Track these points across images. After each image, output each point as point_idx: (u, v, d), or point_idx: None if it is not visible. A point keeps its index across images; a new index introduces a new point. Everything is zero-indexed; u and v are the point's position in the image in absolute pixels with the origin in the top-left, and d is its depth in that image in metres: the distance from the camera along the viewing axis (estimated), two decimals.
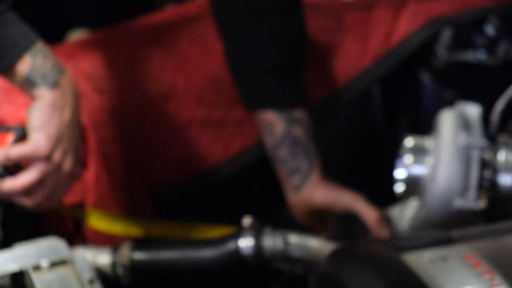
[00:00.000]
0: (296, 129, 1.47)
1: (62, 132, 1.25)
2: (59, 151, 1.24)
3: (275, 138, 1.48)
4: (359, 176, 1.76)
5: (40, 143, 1.23)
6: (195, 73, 1.55)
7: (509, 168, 1.26)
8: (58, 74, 1.26)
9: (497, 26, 1.70)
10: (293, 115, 1.47)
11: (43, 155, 1.24)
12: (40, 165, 1.24)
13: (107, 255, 1.24)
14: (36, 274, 1.08)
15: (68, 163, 1.26)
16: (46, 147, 1.23)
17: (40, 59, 1.24)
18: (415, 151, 1.28)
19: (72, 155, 1.26)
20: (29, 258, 1.10)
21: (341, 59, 1.65)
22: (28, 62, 1.23)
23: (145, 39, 1.57)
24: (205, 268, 1.22)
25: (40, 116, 1.24)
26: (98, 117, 1.46)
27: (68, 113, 1.26)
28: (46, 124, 1.24)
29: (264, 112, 1.47)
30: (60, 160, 1.25)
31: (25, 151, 1.24)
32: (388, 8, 1.71)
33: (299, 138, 1.48)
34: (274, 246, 1.20)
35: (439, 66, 1.69)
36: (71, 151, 1.26)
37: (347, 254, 1.02)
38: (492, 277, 0.93)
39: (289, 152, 1.48)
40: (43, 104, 1.24)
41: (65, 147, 1.25)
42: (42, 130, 1.24)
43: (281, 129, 1.47)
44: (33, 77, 1.23)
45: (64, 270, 1.09)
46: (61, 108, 1.25)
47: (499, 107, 1.31)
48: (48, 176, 1.25)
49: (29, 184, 1.25)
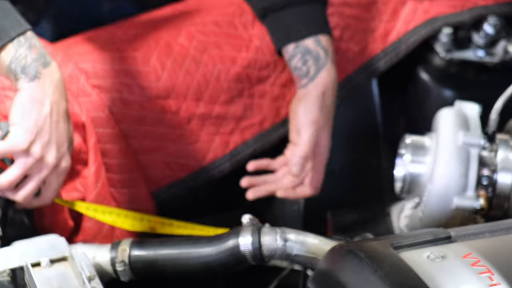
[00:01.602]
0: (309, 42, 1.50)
1: (41, 126, 1.23)
2: (38, 145, 1.23)
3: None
4: (359, 175, 1.77)
5: (18, 137, 1.23)
6: (194, 69, 1.55)
7: (507, 166, 1.26)
8: (40, 66, 1.25)
9: (496, 25, 1.70)
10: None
11: (20, 150, 1.23)
12: (20, 160, 1.24)
13: (106, 252, 1.24)
14: (35, 271, 1.08)
15: (51, 157, 1.25)
16: (24, 142, 1.22)
17: (24, 50, 1.24)
18: (414, 150, 1.29)
19: (54, 148, 1.25)
20: (29, 255, 1.10)
21: (339, 55, 1.65)
22: (11, 52, 1.23)
23: (145, 36, 1.57)
24: (204, 265, 1.22)
25: (19, 110, 1.24)
26: (97, 114, 1.46)
27: (48, 105, 1.24)
28: (24, 118, 1.23)
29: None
30: (41, 153, 1.24)
31: (5, 147, 1.23)
32: (387, 6, 1.71)
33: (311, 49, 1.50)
34: (273, 244, 1.20)
35: (438, 64, 1.69)
36: (53, 144, 1.25)
37: (345, 252, 1.03)
38: (490, 276, 0.93)
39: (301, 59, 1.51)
40: (22, 97, 1.24)
41: (46, 140, 1.24)
42: (20, 124, 1.23)
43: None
44: (14, 68, 1.23)
45: (64, 267, 1.10)
46: (40, 101, 1.24)
47: (498, 106, 1.31)
48: (31, 170, 1.25)
49: (12, 179, 1.24)
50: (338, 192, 1.75)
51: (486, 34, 1.70)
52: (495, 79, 1.68)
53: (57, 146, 1.26)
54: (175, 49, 1.56)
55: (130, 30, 1.58)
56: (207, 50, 1.58)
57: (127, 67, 1.52)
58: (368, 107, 1.75)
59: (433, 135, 1.30)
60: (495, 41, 1.70)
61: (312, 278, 1.06)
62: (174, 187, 1.58)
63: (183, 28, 1.59)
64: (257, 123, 1.62)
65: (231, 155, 1.61)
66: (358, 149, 1.75)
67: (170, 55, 1.54)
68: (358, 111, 1.75)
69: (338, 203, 1.60)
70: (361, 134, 1.76)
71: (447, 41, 1.69)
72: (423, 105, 1.66)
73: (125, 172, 1.49)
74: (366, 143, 1.77)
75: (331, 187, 1.74)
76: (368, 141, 1.77)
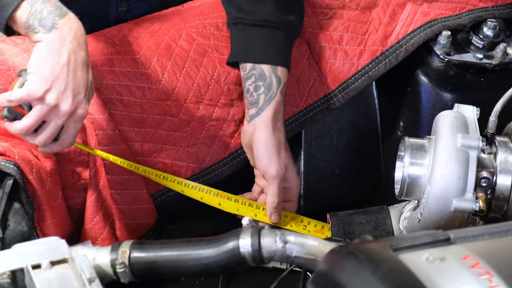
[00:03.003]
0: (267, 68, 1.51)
1: (57, 74, 1.27)
2: (54, 93, 1.26)
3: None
4: (358, 177, 1.77)
5: (34, 85, 1.26)
6: (194, 71, 1.56)
7: (506, 168, 1.26)
8: (56, 18, 1.28)
9: (495, 28, 1.71)
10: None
11: (36, 97, 1.26)
12: (36, 107, 1.27)
13: (107, 254, 1.24)
14: (36, 273, 1.08)
15: (66, 104, 1.27)
16: (39, 90, 1.25)
17: (39, 5, 1.28)
18: (413, 152, 1.29)
19: (71, 96, 1.28)
20: (29, 257, 1.10)
21: (339, 58, 1.66)
22: (26, 9, 1.28)
23: (145, 38, 1.57)
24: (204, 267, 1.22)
25: (36, 59, 1.27)
26: (97, 116, 1.46)
27: (65, 55, 1.28)
28: (40, 67, 1.26)
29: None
30: (56, 101, 1.26)
31: (21, 94, 1.26)
32: (387, 8, 1.71)
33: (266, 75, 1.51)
34: (273, 246, 1.21)
35: (437, 67, 1.69)
36: (69, 92, 1.27)
37: (345, 253, 1.03)
38: (490, 278, 0.93)
39: (253, 84, 1.52)
40: (40, 48, 1.28)
41: (62, 89, 1.27)
42: (36, 73, 1.26)
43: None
44: (32, 22, 1.28)
45: (64, 268, 1.10)
46: (57, 50, 1.27)
47: (497, 108, 1.31)
48: (48, 117, 1.28)
49: (29, 125, 1.27)
50: (338, 194, 1.75)
51: (485, 37, 1.71)
52: (494, 81, 1.69)
53: (73, 94, 1.28)
54: (176, 51, 1.56)
55: (131, 32, 1.58)
56: (208, 52, 1.58)
57: (128, 69, 1.52)
58: (368, 109, 1.76)
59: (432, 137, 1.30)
60: (494, 44, 1.70)
61: (311, 280, 1.06)
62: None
63: (184, 30, 1.59)
64: None
65: (231, 158, 1.61)
66: (357, 151, 1.76)
67: (170, 57, 1.55)
68: (357, 113, 1.75)
69: (337, 205, 1.60)
70: (361, 136, 1.76)
71: (446, 43, 1.69)
72: (422, 108, 1.66)
73: (126, 174, 1.50)
74: (366, 145, 1.77)
75: (330, 189, 1.74)
76: (367, 143, 1.77)
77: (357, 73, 1.66)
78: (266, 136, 1.49)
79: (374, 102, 1.76)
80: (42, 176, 1.32)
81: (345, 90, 1.66)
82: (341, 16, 1.70)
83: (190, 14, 1.64)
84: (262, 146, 1.49)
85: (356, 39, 1.68)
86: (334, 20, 1.69)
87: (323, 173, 1.73)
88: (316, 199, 1.73)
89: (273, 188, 1.49)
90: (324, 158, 1.73)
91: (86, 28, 1.34)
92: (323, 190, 1.74)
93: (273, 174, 1.48)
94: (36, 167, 1.32)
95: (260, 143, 1.49)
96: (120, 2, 1.66)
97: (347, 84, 1.66)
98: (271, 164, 1.48)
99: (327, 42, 1.66)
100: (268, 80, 1.50)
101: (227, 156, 1.61)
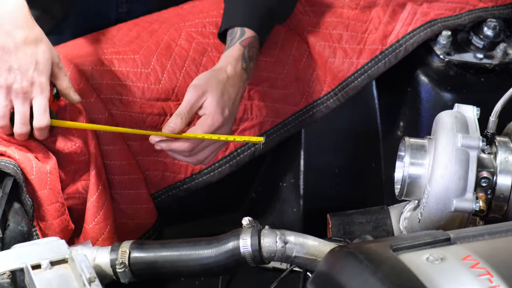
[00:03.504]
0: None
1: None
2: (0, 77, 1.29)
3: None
4: (358, 177, 1.77)
5: None
6: (194, 71, 1.55)
7: (507, 168, 1.26)
8: None
9: (495, 28, 1.71)
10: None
11: None
12: None
13: (106, 254, 1.24)
14: (36, 273, 1.08)
15: (17, 83, 1.28)
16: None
17: None
18: (413, 152, 1.29)
19: (19, 75, 1.28)
20: (29, 257, 1.10)
21: (338, 57, 1.66)
22: None
23: (145, 38, 1.57)
24: (204, 267, 1.22)
25: None
26: (97, 116, 1.46)
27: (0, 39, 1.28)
28: None
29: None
30: (5, 83, 1.28)
31: None
32: (387, 8, 1.71)
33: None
34: (273, 246, 1.21)
35: (437, 67, 1.69)
36: (16, 71, 1.28)
37: (345, 253, 1.03)
38: (490, 278, 0.93)
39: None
40: None
41: (6, 71, 1.28)
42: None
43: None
44: None
45: (64, 269, 1.10)
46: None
47: (497, 108, 1.31)
48: (6, 100, 1.29)
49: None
50: (338, 194, 1.75)
51: (485, 37, 1.71)
52: (494, 81, 1.69)
53: (21, 72, 1.29)
54: (175, 51, 1.56)
55: (130, 32, 1.58)
56: (207, 51, 1.58)
57: (127, 69, 1.52)
58: (368, 109, 1.76)
59: (432, 137, 1.30)
60: (494, 44, 1.70)
61: (311, 280, 1.06)
62: (174, 188, 1.58)
63: (183, 29, 1.59)
64: (257, 125, 1.62)
65: (230, 157, 1.61)
66: (357, 151, 1.76)
67: (170, 57, 1.55)
68: (357, 113, 1.75)
69: (337, 205, 1.60)
70: (361, 136, 1.76)
71: (446, 43, 1.69)
72: (422, 108, 1.66)
73: (126, 173, 1.50)
74: (366, 145, 1.77)
75: (330, 189, 1.74)
76: (367, 143, 1.77)
77: (357, 72, 1.66)
78: (215, 67, 1.45)
79: (374, 102, 1.76)
80: (42, 176, 1.32)
81: (344, 89, 1.66)
82: (340, 15, 1.70)
83: (190, 13, 1.64)
84: (206, 72, 1.44)
85: (355, 38, 1.68)
86: (333, 19, 1.69)
87: (323, 173, 1.73)
88: (316, 199, 1.73)
89: (186, 96, 1.40)
90: (324, 158, 1.73)
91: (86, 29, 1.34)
92: (323, 190, 1.74)
93: (193, 84, 1.40)
94: (36, 167, 1.32)
95: (206, 71, 1.46)
96: (119, 4, 1.66)
97: (346, 83, 1.66)
98: (199, 78, 1.42)
99: (326, 41, 1.66)
100: (233, 34, 1.50)
101: (227, 155, 1.61)
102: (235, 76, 1.42)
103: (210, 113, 1.37)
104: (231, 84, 1.41)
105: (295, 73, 1.64)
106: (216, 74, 1.41)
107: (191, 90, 1.38)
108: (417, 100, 1.67)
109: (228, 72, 1.42)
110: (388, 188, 1.50)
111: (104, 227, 1.43)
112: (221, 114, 1.37)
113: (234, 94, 1.41)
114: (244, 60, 1.45)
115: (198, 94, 1.37)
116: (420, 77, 1.67)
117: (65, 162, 1.41)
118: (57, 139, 1.38)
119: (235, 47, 1.46)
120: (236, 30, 1.48)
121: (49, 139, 1.37)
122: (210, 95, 1.37)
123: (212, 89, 1.38)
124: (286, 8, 1.61)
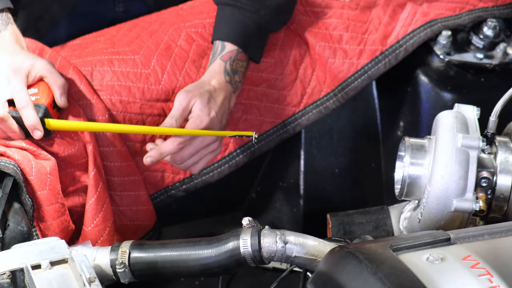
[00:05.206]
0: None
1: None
2: None
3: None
4: (358, 177, 1.77)
5: None
6: (194, 71, 1.55)
7: (507, 168, 1.26)
8: None
9: (495, 28, 1.71)
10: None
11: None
12: None
13: (106, 254, 1.24)
14: (35, 273, 1.08)
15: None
16: None
17: None
18: (413, 152, 1.29)
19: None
20: (29, 257, 1.10)
21: (338, 57, 1.66)
22: None
23: (144, 38, 1.57)
24: (204, 267, 1.22)
25: None
26: (97, 117, 1.46)
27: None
28: None
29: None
30: None
31: None
32: (387, 8, 1.71)
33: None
34: (273, 246, 1.21)
35: (437, 67, 1.69)
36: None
37: (345, 253, 1.03)
38: (490, 278, 0.93)
39: None
40: None
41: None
42: None
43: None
44: None
45: (64, 269, 1.10)
46: None
47: (497, 108, 1.31)
48: None
49: None
50: (338, 194, 1.75)
51: (485, 37, 1.71)
52: (494, 81, 1.69)
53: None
54: (175, 52, 1.56)
55: (130, 32, 1.58)
56: (207, 54, 1.58)
57: (127, 69, 1.52)
58: (368, 109, 1.76)
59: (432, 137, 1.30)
60: (494, 44, 1.70)
61: (311, 280, 1.06)
62: (173, 189, 1.58)
63: (183, 30, 1.59)
64: (256, 125, 1.63)
65: (229, 157, 1.61)
66: (357, 151, 1.76)
67: (170, 58, 1.55)
68: (357, 113, 1.75)
69: (337, 205, 1.61)
70: (361, 136, 1.76)
71: (446, 43, 1.69)
72: (422, 108, 1.66)
73: (125, 175, 1.50)
74: (366, 145, 1.77)
75: (330, 189, 1.74)
76: (367, 143, 1.77)
77: (357, 73, 1.66)
78: (201, 79, 1.49)
79: (374, 102, 1.76)
80: (41, 177, 1.32)
81: (344, 90, 1.66)
82: (341, 15, 1.70)
83: (189, 14, 1.64)
84: (194, 83, 1.48)
85: (355, 38, 1.68)
86: (333, 20, 1.68)
87: (323, 173, 1.73)
88: (316, 199, 1.74)
89: (176, 101, 1.44)
90: (324, 158, 1.73)
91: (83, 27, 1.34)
92: (323, 190, 1.74)
93: (182, 90, 1.45)
94: (36, 167, 1.32)
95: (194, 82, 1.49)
96: (116, 3, 1.66)
97: (346, 83, 1.66)
98: (188, 86, 1.46)
99: (326, 42, 1.66)
100: (214, 49, 1.52)
101: (227, 155, 1.61)
102: (220, 88, 1.48)
103: (198, 115, 1.42)
104: (217, 94, 1.47)
105: (295, 73, 1.64)
106: (202, 85, 1.46)
107: (182, 95, 1.43)
108: (417, 100, 1.67)
109: (213, 84, 1.48)
110: (388, 188, 1.50)
111: (103, 229, 1.43)
112: (207, 115, 1.43)
113: (220, 101, 1.47)
114: (227, 74, 1.50)
115: (188, 98, 1.43)
116: (420, 77, 1.67)
117: (65, 164, 1.41)
118: (56, 142, 1.38)
119: (216, 63, 1.51)
120: (217, 45, 1.52)
121: (48, 142, 1.37)
122: (198, 99, 1.43)
123: (200, 94, 1.44)
124: (280, 19, 1.61)
